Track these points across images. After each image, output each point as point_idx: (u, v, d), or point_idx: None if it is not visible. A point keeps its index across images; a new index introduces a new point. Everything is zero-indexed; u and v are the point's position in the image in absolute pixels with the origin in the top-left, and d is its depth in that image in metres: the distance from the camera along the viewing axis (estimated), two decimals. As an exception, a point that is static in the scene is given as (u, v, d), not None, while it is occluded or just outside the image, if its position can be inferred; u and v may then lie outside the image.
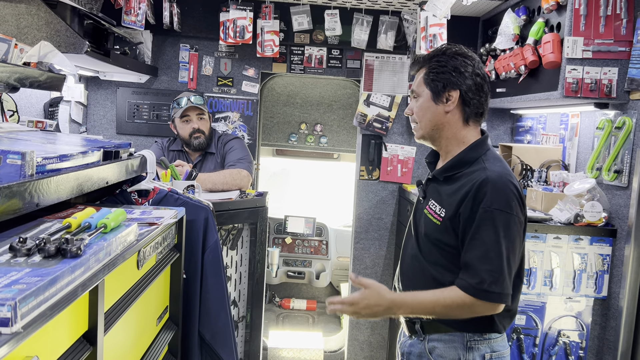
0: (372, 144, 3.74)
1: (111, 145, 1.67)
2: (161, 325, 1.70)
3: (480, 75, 1.71)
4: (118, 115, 3.69)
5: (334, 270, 5.02)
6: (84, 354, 1.03)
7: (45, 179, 1.14)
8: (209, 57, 3.68)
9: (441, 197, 1.72)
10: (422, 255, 1.76)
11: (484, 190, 1.59)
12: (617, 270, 2.42)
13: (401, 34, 3.58)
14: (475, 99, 1.70)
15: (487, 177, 1.60)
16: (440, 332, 1.72)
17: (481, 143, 1.74)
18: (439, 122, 1.74)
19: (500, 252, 1.57)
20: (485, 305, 1.58)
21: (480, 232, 1.58)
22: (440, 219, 1.68)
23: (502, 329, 1.71)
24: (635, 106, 2.33)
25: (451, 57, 1.72)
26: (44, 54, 2.00)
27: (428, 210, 1.75)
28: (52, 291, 0.87)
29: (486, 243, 1.57)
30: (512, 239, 1.59)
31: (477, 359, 1.68)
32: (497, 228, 1.57)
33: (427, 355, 1.74)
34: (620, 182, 2.40)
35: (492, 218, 1.57)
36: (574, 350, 2.50)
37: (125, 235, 1.25)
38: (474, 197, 1.60)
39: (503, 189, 1.59)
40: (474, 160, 1.70)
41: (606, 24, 2.36)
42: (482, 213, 1.58)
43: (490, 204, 1.57)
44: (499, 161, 1.70)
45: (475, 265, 1.58)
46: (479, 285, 1.56)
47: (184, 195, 1.98)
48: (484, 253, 1.57)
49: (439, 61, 1.73)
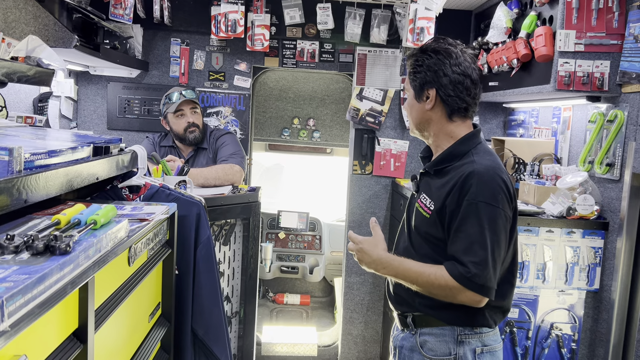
0: (365, 138, 3.73)
1: (101, 141, 1.65)
2: (153, 321, 1.69)
3: (460, 71, 1.69)
4: (109, 110, 3.66)
5: (327, 264, 5.02)
6: (74, 351, 1.02)
7: (34, 175, 1.12)
8: (200, 52, 3.66)
9: (431, 191, 1.72)
10: (413, 249, 1.76)
11: (470, 182, 1.59)
12: (609, 263, 2.43)
13: (394, 27, 3.57)
14: (453, 96, 1.69)
15: (474, 170, 1.60)
16: (432, 326, 1.72)
17: (472, 137, 1.73)
18: (424, 119, 1.76)
19: (484, 245, 1.56)
20: (467, 294, 1.57)
21: (465, 225, 1.58)
22: (429, 212, 1.69)
23: (492, 324, 1.71)
24: (627, 99, 2.34)
25: (428, 56, 1.72)
26: (32, 48, 1.98)
27: (419, 204, 1.76)
28: (40, 289, 0.86)
29: (471, 235, 1.57)
30: (497, 232, 1.58)
31: (467, 353, 1.68)
32: (482, 220, 1.57)
33: (418, 349, 1.74)
34: (612, 175, 2.41)
35: (477, 210, 1.57)
36: (567, 343, 2.52)
37: (116, 232, 1.23)
38: (460, 189, 1.60)
39: (489, 182, 1.59)
40: (464, 153, 1.70)
41: (598, 17, 2.36)
42: (467, 205, 1.58)
43: (475, 196, 1.57)
44: (488, 154, 1.70)
45: (459, 258, 1.58)
46: (466, 273, 1.56)
47: (175, 190, 1.96)
48: (468, 245, 1.57)
49: (416, 60, 1.75)
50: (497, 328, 1.76)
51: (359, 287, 3.86)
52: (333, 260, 5.02)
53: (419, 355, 1.74)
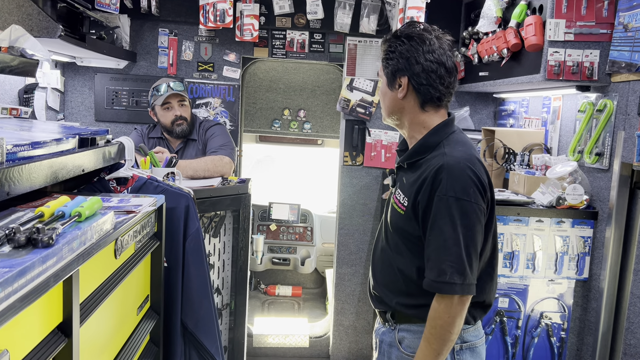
0: (355, 129, 3.72)
1: (87, 132, 1.63)
2: (142, 314, 1.67)
3: (434, 59, 1.61)
4: (96, 102, 3.61)
5: (319, 256, 5.02)
6: (58, 345, 1.01)
7: (16, 167, 1.10)
8: (188, 42, 3.62)
9: (405, 186, 1.67)
10: (388, 247, 1.72)
11: (440, 177, 1.54)
12: (598, 252, 2.45)
13: (384, 17, 3.55)
14: (426, 85, 1.63)
15: (444, 164, 1.55)
16: (411, 322, 1.69)
17: (443, 127, 1.66)
18: (396, 108, 1.70)
19: (458, 241, 1.51)
20: (452, 299, 1.52)
21: (437, 222, 1.53)
22: (404, 208, 1.64)
23: (471, 320, 1.67)
24: (616, 89, 2.34)
25: (400, 42, 1.64)
26: (15, 38, 1.94)
27: (394, 200, 1.71)
28: (21, 282, 0.84)
29: (444, 232, 1.52)
30: (470, 226, 1.53)
31: None
32: (453, 216, 1.51)
33: (396, 345, 1.73)
34: (601, 164, 2.41)
35: (448, 206, 1.52)
36: (556, 332, 2.54)
37: (101, 224, 1.21)
38: (431, 184, 1.55)
39: (460, 176, 1.54)
40: (436, 145, 1.64)
41: (588, 6, 2.36)
42: (438, 201, 1.53)
43: (445, 191, 1.52)
44: (460, 145, 1.63)
45: (434, 258, 1.54)
46: (440, 278, 1.51)
47: (163, 182, 1.94)
48: (441, 243, 1.52)
49: (389, 46, 1.67)
50: (478, 323, 1.72)
51: (350, 278, 3.86)
52: (324, 252, 5.02)
53: (397, 351, 1.72)
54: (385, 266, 1.75)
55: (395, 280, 1.71)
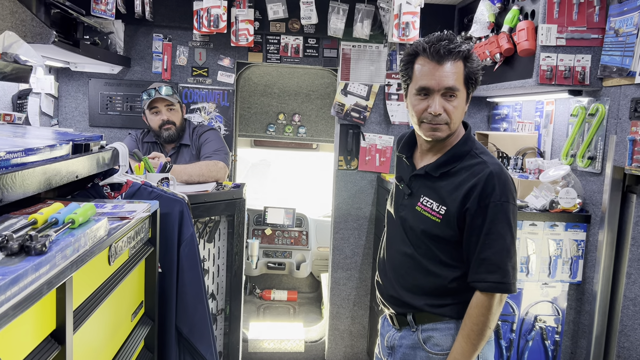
0: (350, 133, 3.73)
1: (81, 138, 1.63)
2: (136, 320, 1.67)
3: None
4: (91, 107, 3.61)
5: (314, 260, 5.02)
6: (52, 353, 1.00)
7: (9, 174, 1.10)
8: (183, 47, 3.62)
9: (439, 194, 1.70)
10: (416, 252, 1.75)
11: (492, 183, 1.62)
12: (592, 256, 2.46)
13: (377, 22, 3.56)
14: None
15: (492, 172, 1.63)
16: (434, 321, 1.74)
17: (470, 136, 1.75)
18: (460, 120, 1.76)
19: (514, 244, 1.65)
20: (496, 297, 1.63)
21: (495, 226, 1.62)
22: (440, 217, 1.68)
23: None
24: (608, 93, 2.36)
25: (477, 57, 1.70)
26: (9, 45, 1.94)
27: (422, 208, 1.73)
28: (14, 290, 0.84)
29: (503, 236, 1.62)
30: (516, 229, 1.67)
31: None
32: (510, 220, 1.63)
33: (421, 346, 1.75)
34: (594, 168, 2.43)
35: (505, 211, 1.62)
36: (550, 335, 2.54)
37: (95, 231, 1.21)
38: (481, 191, 1.62)
39: (507, 182, 1.64)
40: (466, 153, 1.71)
41: (579, 12, 2.38)
42: (494, 207, 1.61)
43: (499, 197, 1.61)
44: (489, 153, 1.73)
45: (496, 261, 1.62)
46: (504, 279, 1.62)
47: (158, 188, 1.94)
48: (503, 247, 1.62)
49: (475, 60, 1.67)
50: None
51: (346, 283, 3.86)
52: (320, 256, 5.02)
53: (423, 351, 1.74)
54: (411, 270, 1.77)
55: (425, 283, 1.75)
